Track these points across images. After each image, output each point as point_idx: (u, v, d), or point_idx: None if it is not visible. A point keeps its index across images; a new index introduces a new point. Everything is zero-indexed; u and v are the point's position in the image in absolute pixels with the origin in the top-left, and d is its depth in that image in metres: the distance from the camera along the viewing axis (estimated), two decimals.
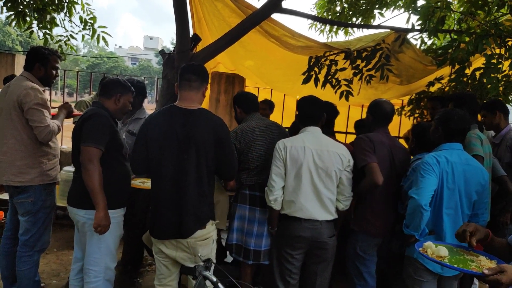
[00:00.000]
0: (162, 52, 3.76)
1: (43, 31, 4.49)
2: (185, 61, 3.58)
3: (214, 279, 1.66)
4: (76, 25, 4.56)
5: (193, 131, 2.23)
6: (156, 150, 2.26)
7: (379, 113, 2.79)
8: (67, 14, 4.49)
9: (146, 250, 3.66)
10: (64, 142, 5.58)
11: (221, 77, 5.20)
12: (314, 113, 2.68)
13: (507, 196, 3.10)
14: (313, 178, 2.53)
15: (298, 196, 2.54)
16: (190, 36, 3.68)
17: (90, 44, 59.68)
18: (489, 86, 3.16)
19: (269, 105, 4.67)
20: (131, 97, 2.69)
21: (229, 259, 3.40)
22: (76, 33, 4.62)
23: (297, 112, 2.78)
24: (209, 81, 5.29)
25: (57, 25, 4.53)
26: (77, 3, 4.49)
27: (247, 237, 2.89)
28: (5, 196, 4.51)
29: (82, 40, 4.76)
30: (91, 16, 4.53)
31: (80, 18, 4.52)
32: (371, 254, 2.74)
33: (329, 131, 3.08)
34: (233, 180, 2.94)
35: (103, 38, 4.58)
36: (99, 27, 4.54)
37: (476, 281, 3.40)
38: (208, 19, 4.29)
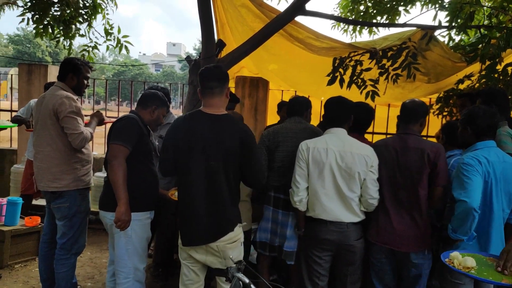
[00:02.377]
0: (188, 59, 3.83)
1: (68, 41, 4.71)
2: None
3: (247, 280, 1.68)
4: (101, 36, 4.77)
5: (219, 137, 2.24)
6: (184, 155, 2.28)
7: (400, 112, 2.71)
8: (90, 25, 4.70)
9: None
10: (95, 148, 5.75)
11: (245, 81, 5.25)
12: (339, 115, 2.65)
13: None
14: (336, 180, 2.51)
15: (321, 197, 2.53)
16: (215, 41, 3.73)
17: (116, 53, 61.31)
18: None
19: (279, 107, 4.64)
20: (166, 111, 2.82)
21: (254, 260, 3.42)
22: (100, 44, 4.84)
23: (323, 113, 2.76)
24: (233, 85, 5.36)
25: (83, 36, 4.74)
26: (99, 13, 4.69)
27: (272, 235, 2.94)
28: (42, 202, 4.70)
29: (107, 50, 4.96)
30: (113, 26, 4.73)
31: (105, 29, 4.71)
32: (378, 260, 2.62)
33: (361, 132, 3.02)
34: None
35: (125, 47, 4.75)
36: (123, 36, 4.73)
37: None
38: (231, 25, 4.35)
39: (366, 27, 5.11)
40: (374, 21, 4.86)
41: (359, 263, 2.61)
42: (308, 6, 3.60)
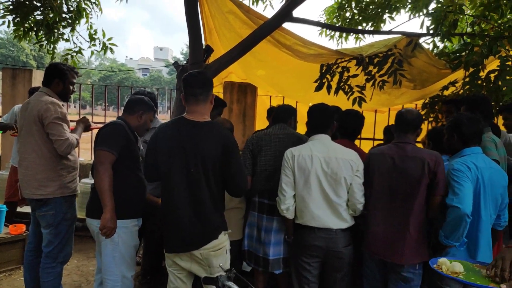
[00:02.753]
0: (175, 64, 3.82)
1: (51, 46, 4.69)
2: None
3: None
4: (85, 40, 4.75)
5: (200, 144, 2.22)
6: (165, 162, 2.27)
7: (397, 121, 2.65)
8: (74, 30, 4.71)
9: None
10: (81, 154, 5.67)
11: (233, 86, 5.25)
12: (322, 121, 2.67)
13: None
14: (322, 186, 2.52)
15: (308, 204, 2.54)
16: (203, 47, 3.74)
17: (102, 57, 60.75)
18: (504, 88, 3.14)
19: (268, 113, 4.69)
20: (152, 115, 2.80)
21: (246, 268, 3.40)
22: (84, 49, 4.84)
23: (307, 121, 2.77)
24: (221, 90, 5.36)
25: (67, 40, 4.72)
26: (83, 17, 4.69)
27: (256, 244, 2.92)
28: (26, 209, 4.61)
29: (91, 55, 4.95)
30: (97, 31, 4.74)
31: (89, 34, 4.70)
32: (369, 268, 2.61)
33: (351, 139, 3.02)
34: None
35: (110, 49, 4.75)
36: (108, 39, 4.74)
37: None
38: (219, 31, 4.36)
39: (352, 34, 5.19)
40: (360, 27, 4.93)
41: (347, 270, 2.62)
42: (295, 13, 3.64)
